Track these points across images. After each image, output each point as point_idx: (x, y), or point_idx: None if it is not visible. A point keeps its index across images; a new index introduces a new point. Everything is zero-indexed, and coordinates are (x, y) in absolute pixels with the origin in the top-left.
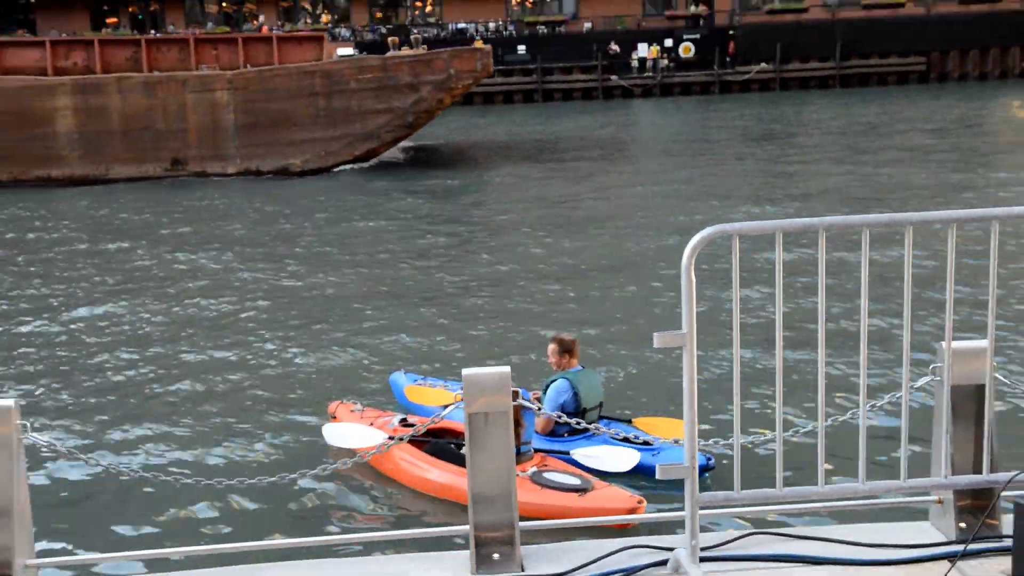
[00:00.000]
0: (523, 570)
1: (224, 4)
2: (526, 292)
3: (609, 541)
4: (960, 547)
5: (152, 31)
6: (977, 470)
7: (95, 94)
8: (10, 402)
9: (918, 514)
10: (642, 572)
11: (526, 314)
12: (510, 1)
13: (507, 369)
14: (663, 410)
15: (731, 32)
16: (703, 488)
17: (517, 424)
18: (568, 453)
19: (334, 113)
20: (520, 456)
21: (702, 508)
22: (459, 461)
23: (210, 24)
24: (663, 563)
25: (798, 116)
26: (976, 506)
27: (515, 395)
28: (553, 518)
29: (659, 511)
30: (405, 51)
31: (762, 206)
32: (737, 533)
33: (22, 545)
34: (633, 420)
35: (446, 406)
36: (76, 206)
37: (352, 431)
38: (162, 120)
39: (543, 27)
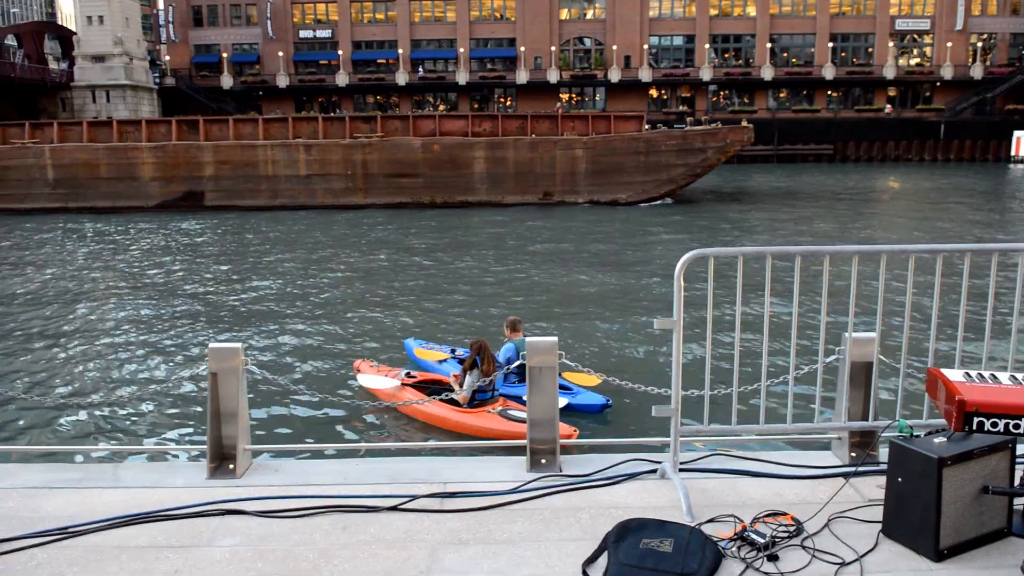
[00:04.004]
0: (561, 471)
1: (378, 97)
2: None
3: (616, 455)
4: (852, 468)
5: (339, 110)
6: (864, 418)
7: (499, 149)
8: (238, 345)
9: (824, 446)
10: (640, 475)
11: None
12: (560, 98)
13: (555, 339)
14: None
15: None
16: (603, 420)
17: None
18: (521, 397)
19: (649, 165)
20: (490, 399)
21: (681, 436)
22: (448, 402)
23: (366, 110)
24: (654, 471)
25: (751, 181)
26: (863, 442)
27: (478, 354)
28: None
29: (643, 438)
30: (697, 127)
31: (729, 236)
32: (703, 453)
33: (243, 436)
34: (562, 373)
35: (442, 361)
36: (481, 218)
37: (378, 380)
38: (539, 166)
39: None
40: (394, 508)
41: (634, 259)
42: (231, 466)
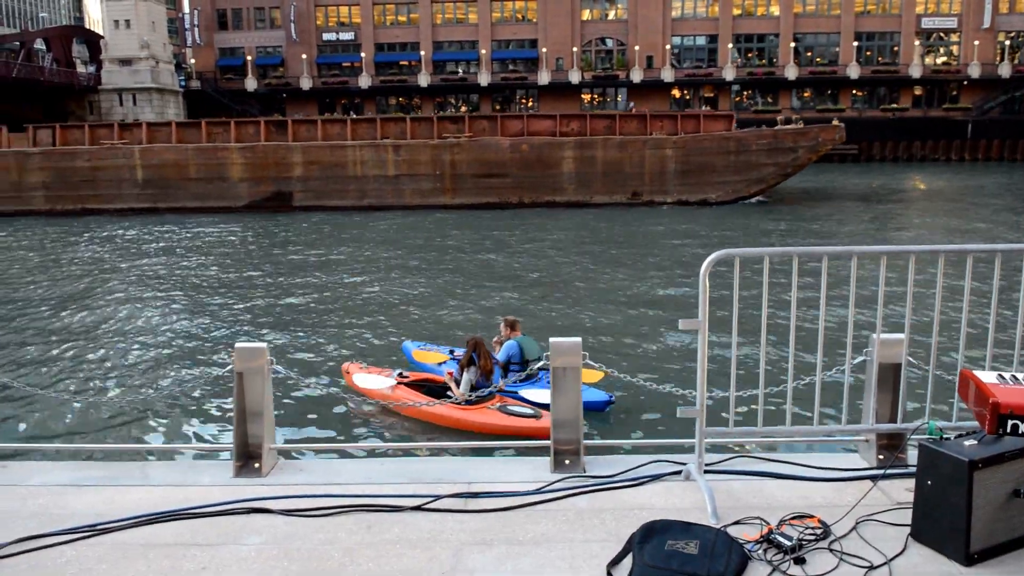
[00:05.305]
0: (585, 471)
1: (401, 99)
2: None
3: (641, 456)
4: (880, 471)
5: (352, 113)
6: (893, 420)
7: (588, 149)
8: (264, 345)
9: (852, 448)
10: (665, 476)
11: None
12: (583, 99)
13: (579, 339)
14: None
15: None
16: (602, 419)
17: (491, 372)
18: (517, 393)
19: (739, 165)
20: (488, 396)
21: (707, 438)
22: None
23: (387, 111)
24: (679, 472)
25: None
26: (891, 444)
27: (474, 350)
28: (519, 435)
29: (668, 439)
30: (787, 126)
31: (760, 238)
32: (729, 455)
33: (268, 435)
34: None
35: (442, 363)
36: (569, 220)
37: (373, 380)
38: (628, 166)
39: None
40: (418, 508)
41: (682, 258)
42: (257, 465)
